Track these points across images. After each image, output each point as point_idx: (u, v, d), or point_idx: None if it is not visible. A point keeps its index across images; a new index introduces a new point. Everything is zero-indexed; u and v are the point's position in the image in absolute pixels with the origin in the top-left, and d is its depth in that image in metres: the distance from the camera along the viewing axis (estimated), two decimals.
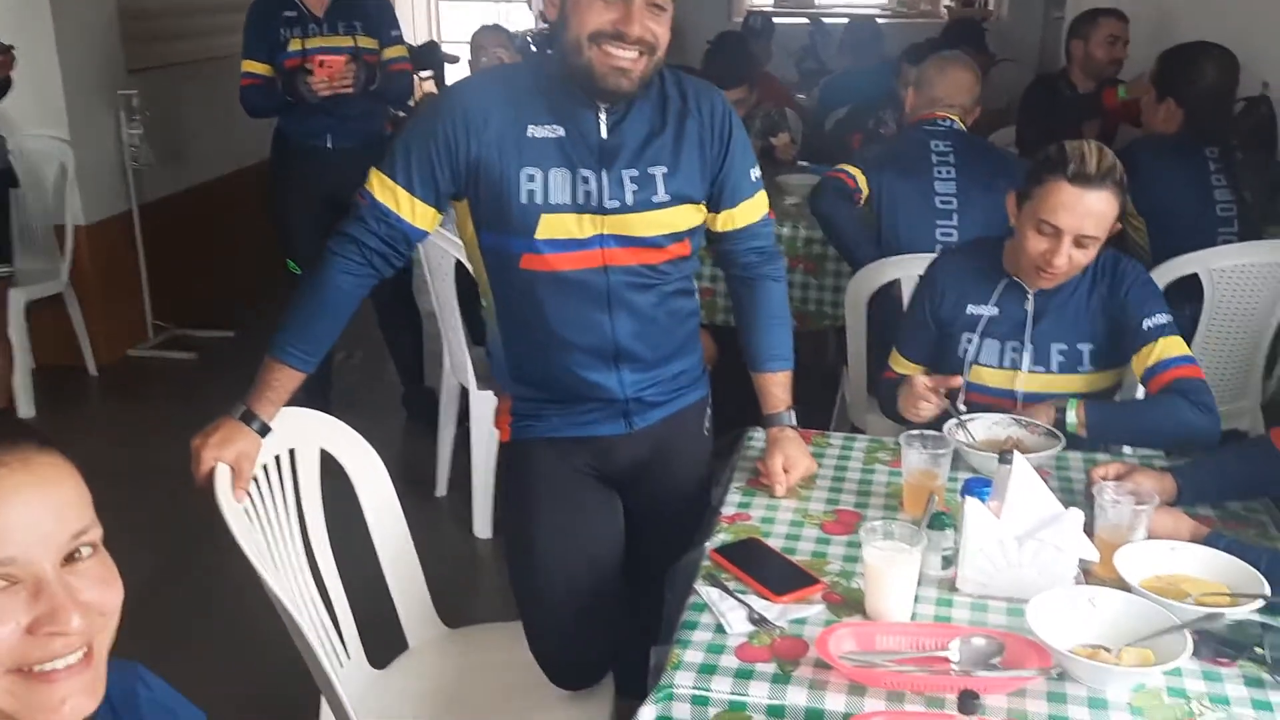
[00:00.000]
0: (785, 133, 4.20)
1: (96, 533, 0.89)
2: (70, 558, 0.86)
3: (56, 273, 4.10)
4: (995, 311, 2.08)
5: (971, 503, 1.52)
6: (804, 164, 4.14)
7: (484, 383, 3.21)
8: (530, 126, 1.71)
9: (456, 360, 3.30)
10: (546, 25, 7.71)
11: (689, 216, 1.81)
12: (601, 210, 1.73)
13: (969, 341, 2.09)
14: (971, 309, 2.09)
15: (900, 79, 4.13)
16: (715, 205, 1.86)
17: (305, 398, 4.00)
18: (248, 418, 1.72)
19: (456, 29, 12.13)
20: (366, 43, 3.50)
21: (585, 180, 1.71)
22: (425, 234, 1.79)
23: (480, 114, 1.71)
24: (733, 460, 2.03)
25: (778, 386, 1.95)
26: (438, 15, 12.04)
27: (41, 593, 0.84)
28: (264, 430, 1.73)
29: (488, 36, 3.90)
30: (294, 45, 3.42)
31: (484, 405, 3.20)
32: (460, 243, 2.97)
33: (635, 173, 1.74)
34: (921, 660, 1.38)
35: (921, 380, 1.97)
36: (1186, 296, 2.71)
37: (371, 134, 3.62)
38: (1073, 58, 4.16)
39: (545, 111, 1.72)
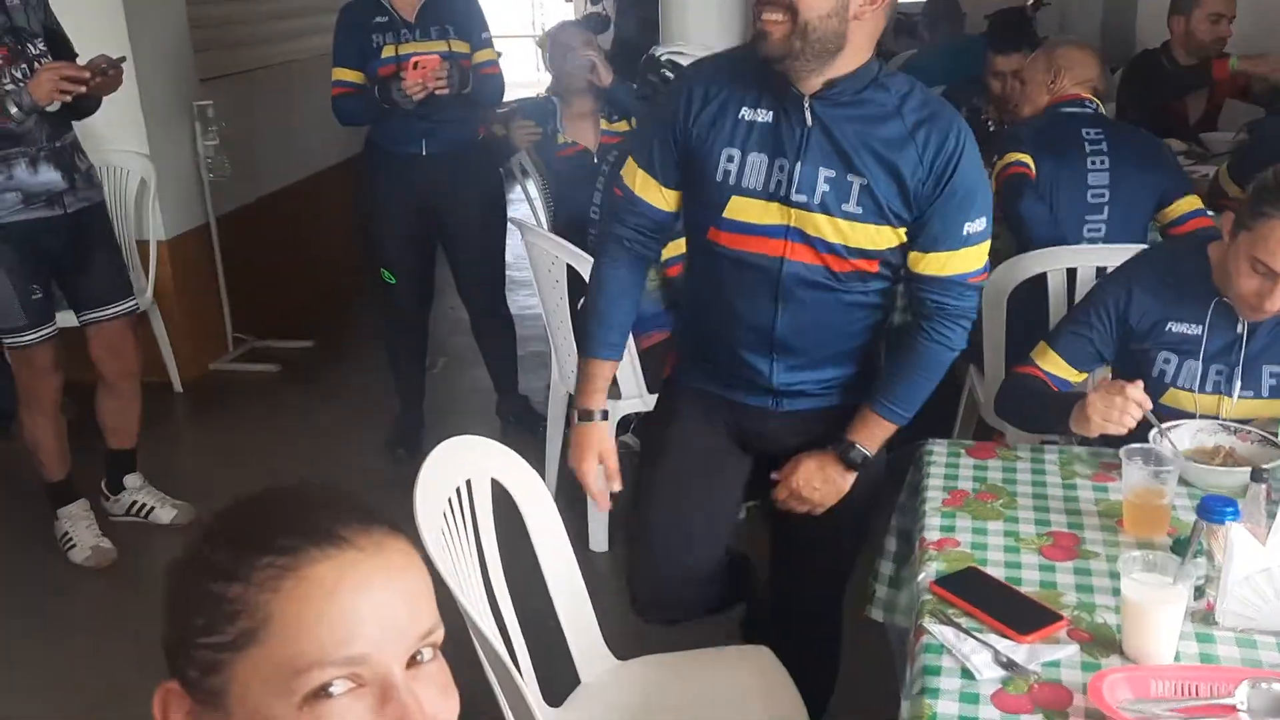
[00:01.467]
0: None
1: (441, 633, 0.78)
2: (413, 659, 0.76)
3: (142, 289, 4.02)
4: (1201, 332, 1.90)
5: (1236, 529, 1.40)
6: None
7: None
8: (744, 109, 1.72)
9: (565, 368, 3.20)
10: (600, 12, 7.55)
11: (879, 237, 1.71)
12: (789, 201, 1.70)
13: (1167, 363, 1.92)
14: (1174, 327, 1.91)
15: (988, 68, 3.97)
16: (913, 241, 1.73)
17: (402, 410, 3.89)
18: (586, 416, 1.91)
19: (490, 24, 12.06)
20: (460, 46, 3.38)
21: (781, 168, 1.69)
22: (676, 216, 1.86)
23: (701, 97, 1.75)
24: (912, 478, 1.92)
25: (876, 426, 1.82)
26: None
27: (389, 699, 0.73)
28: (604, 416, 1.92)
29: (573, 35, 3.75)
30: (387, 52, 3.29)
31: None
32: (570, 247, 2.95)
33: (832, 173, 1.67)
34: (1205, 709, 1.26)
35: (1130, 386, 1.72)
36: None
37: (465, 140, 3.50)
38: (1173, 34, 3.98)
39: (761, 96, 1.71)
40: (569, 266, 2.97)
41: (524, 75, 8.90)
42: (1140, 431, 1.76)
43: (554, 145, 3.77)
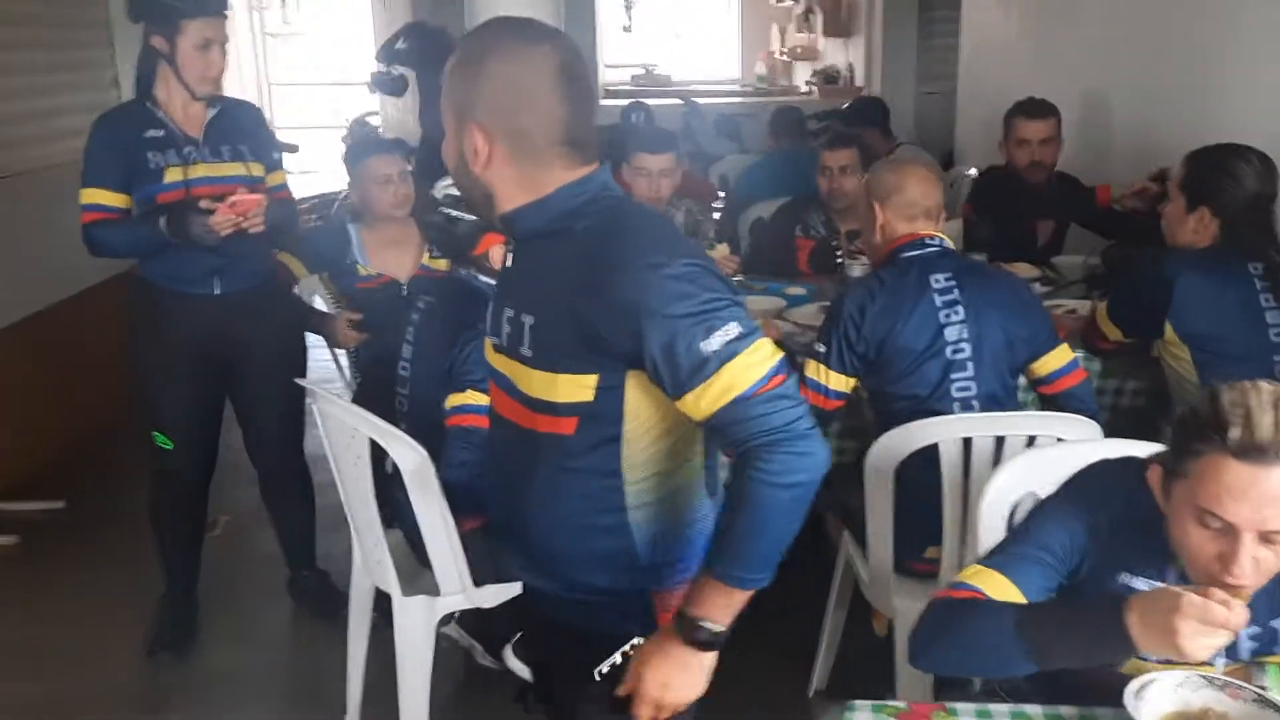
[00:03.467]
0: (724, 243, 3.68)
1: None
2: None
3: None
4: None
5: None
6: (738, 279, 3.61)
7: (410, 587, 2.55)
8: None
9: (370, 558, 2.63)
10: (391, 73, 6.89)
11: (556, 387, 1.45)
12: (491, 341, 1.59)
13: None
14: (1126, 579, 1.53)
15: (819, 169, 3.73)
16: (673, 394, 1.40)
17: (168, 597, 3.20)
18: None
19: (289, 115, 11.48)
20: (256, 169, 2.82)
21: (493, 311, 1.58)
22: None
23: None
24: None
25: (717, 594, 1.42)
26: (271, 102, 11.37)
27: None
28: None
29: (390, 164, 3.13)
30: (172, 175, 2.69)
31: (411, 615, 2.54)
32: (374, 421, 2.41)
33: (512, 313, 1.51)
34: None
35: (1232, 609, 1.29)
36: None
37: (264, 273, 2.93)
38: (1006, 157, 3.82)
39: None
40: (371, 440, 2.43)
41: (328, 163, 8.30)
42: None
43: (353, 276, 3.24)
